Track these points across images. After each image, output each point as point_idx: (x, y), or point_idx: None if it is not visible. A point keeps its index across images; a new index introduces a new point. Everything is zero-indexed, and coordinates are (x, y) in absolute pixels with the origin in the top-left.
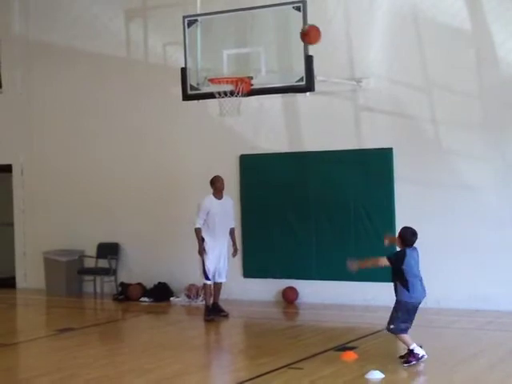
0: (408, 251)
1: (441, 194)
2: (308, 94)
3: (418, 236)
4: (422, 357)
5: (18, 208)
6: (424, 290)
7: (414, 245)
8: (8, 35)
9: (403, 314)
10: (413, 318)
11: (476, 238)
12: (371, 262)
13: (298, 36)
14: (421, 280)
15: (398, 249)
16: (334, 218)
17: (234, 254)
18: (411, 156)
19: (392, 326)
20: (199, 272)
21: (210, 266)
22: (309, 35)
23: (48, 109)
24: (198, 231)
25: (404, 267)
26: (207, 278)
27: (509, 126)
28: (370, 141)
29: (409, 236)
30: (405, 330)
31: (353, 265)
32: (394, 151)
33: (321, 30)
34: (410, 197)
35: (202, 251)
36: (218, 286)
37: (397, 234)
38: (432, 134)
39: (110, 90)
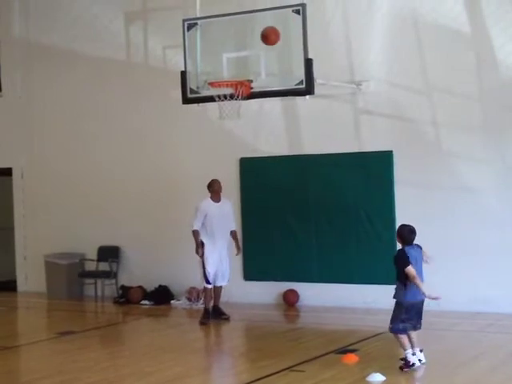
0: (407, 250)
1: (441, 196)
2: (308, 97)
3: (419, 238)
4: (413, 365)
5: (18, 211)
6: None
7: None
8: (8, 37)
9: (401, 314)
10: (415, 318)
11: (476, 240)
12: (416, 280)
13: (298, 39)
14: (421, 279)
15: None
16: (335, 221)
17: (238, 253)
18: (411, 159)
19: (390, 326)
20: (200, 275)
21: (211, 270)
22: (268, 38)
23: (48, 111)
24: (195, 233)
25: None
26: (207, 281)
27: (509, 128)
28: (370, 144)
29: (406, 234)
30: (403, 331)
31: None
32: (394, 154)
33: (320, 33)
34: (410, 199)
35: (198, 252)
36: (218, 290)
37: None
38: (432, 137)
39: (109, 92)
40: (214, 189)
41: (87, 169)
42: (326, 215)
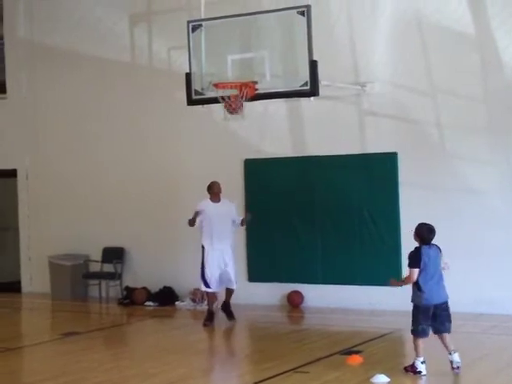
0: (424, 250)
1: (446, 197)
2: (312, 98)
3: None
4: (420, 372)
5: (22, 212)
6: (441, 292)
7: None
8: (13, 38)
9: (419, 316)
10: (437, 321)
11: (481, 242)
12: (404, 282)
13: (303, 41)
14: (439, 280)
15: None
16: (339, 223)
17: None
18: (416, 160)
19: (411, 328)
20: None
21: (210, 274)
22: (234, 109)
23: (52, 113)
24: (190, 221)
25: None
26: (206, 285)
27: None
28: (375, 145)
29: (425, 233)
30: (422, 333)
31: (393, 282)
32: (399, 156)
33: (325, 35)
34: (414, 201)
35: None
36: (229, 291)
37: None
38: (437, 139)
39: (113, 94)
40: (214, 191)
41: (92, 170)
42: (330, 217)
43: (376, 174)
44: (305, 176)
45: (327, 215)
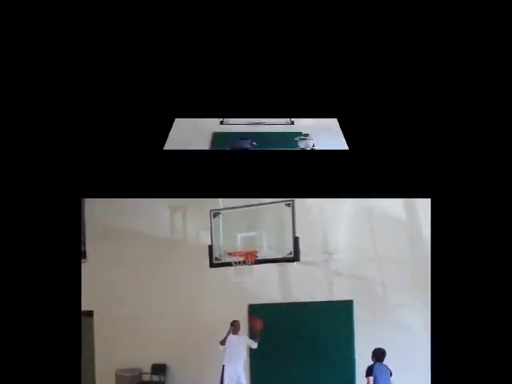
0: (377, 365)
1: (390, 335)
2: (295, 263)
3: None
4: None
5: (97, 343)
6: None
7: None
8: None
9: None
10: None
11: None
12: None
13: (289, 223)
14: None
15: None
16: (311, 351)
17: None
18: (367, 308)
19: None
20: None
21: None
22: (254, 325)
23: (119, 274)
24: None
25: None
26: None
27: None
28: (338, 295)
29: (380, 355)
30: None
31: None
32: (354, 303)
33: (305, 219)
34: (367, 338)
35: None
36: None
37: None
38: (381, 293)
39: (161, 265)
40: (236, 326)
41: (145, 313)
42: (307, 349)
43: (338, 315)
44: (291, 317)
45: (306, 347)
